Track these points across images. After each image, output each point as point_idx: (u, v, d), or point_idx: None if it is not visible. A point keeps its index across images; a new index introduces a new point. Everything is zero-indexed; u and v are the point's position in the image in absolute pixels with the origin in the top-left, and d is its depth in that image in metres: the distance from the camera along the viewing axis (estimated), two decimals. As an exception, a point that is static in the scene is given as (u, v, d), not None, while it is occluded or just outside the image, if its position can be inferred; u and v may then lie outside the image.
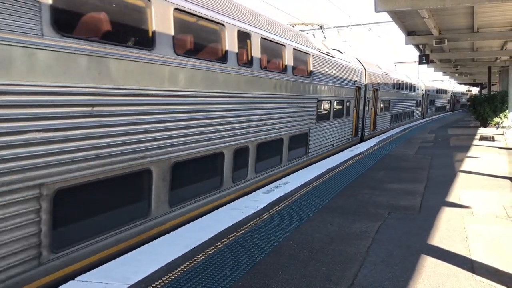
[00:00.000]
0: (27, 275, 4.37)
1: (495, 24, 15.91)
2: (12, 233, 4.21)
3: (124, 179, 5.60)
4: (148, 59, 5.88)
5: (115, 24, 5.57)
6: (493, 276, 4.62)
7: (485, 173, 10.61)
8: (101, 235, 5.30)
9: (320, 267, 4.87)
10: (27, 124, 4.29)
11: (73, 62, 4.75)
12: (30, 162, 4.32)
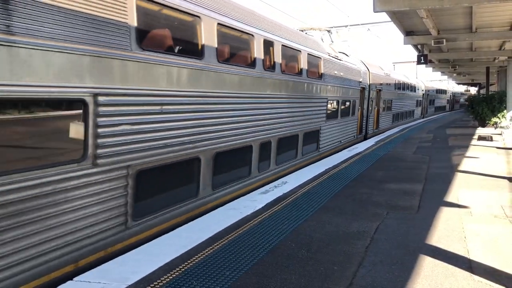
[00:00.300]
0: (118, 237, 5.63)
1: (494, 24, 15.93)
2: (110, 202, 5.47)
3: (181, 164, 6.90)
4: (198, 66, 7.15)
5: (176, 38, 6.94)
6: (491, 276, 4.63)
7: (483, 173, 10.63)
8: (166, 209, 6.57)
9: (318, 267, 4.87)
10: (121, 119, 5.57)
11: (150, 70, 6.02)
12: (123, 148, 5.62)
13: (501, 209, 7.37)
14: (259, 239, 5.76)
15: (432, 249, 5.48)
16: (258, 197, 8.09)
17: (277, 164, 10.61)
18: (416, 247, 5.54)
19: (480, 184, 9.42)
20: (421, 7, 11.41)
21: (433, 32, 16.04)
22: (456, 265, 4.93)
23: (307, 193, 8.53)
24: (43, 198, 4.58)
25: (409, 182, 9.73)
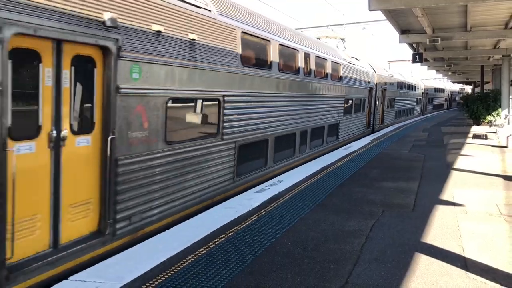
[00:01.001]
0: (229, 187, 8.57)
1: (489, 23, 15.98)
2: (228, 163, 8.47)
3: (259, 143, 9.92)
4: (270, 76, 10.21)
5: (258, 57, 9.97)
6: (486, 274, 4.65)
7: (478, 171, 10.67)
8: (252, 173, 9.60)
9: (314, 266, 4.88)
10: (233, 111, 8.53)
11: (246, 79, 9.01)
12: (233, 129, 8.59)
13: (496, 207, 7.40)
14: (255, 237, 5.76)
15: (428, 247, 5.49)
16: (254, 196, 8.08)
17: (311, 148, 13.44)
18: (411, 245, 5.56)
19: (475, 182, 9.46)
20: (416, 5, 11.43)
21: (428, 31, 16.06)
22: (451, 263, 4.95)
23: (302, 191, 8.53)
24: (201, 156, 7.59)
25: (404, 180, 9.75)
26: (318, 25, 38.22)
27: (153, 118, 6.29)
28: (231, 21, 8.48)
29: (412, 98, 35.39)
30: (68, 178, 5.06)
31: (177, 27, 6.79)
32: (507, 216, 6.89)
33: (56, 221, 4.93)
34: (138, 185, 6.08)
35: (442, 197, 8.13)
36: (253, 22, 9.69)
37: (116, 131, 5.60)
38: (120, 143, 5.70)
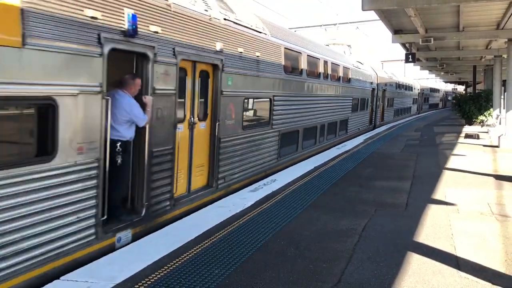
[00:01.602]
0: (274, 164, 10.86)
1: (481, 23, 16.08)
2: (275, 147, 10.82)
3: (293, 133, 12.27)
4: (301, 80, 12.67)
5: (293, 66, 12.17)
6: (478, 273, 4.67)
7: (470, 171, 10.73)
8: (290, 155, 12.05)
9: (307, 265, 4.88)
10: (277, 108, 10.80)
11: (286, 83, 11.38)
12: (277, 121, 10.91)
13: (488, 206, 7.45)
14: (248, 237, 5.76)
15: (420, 246, 5.52)
16: (248, 195, 8.08)
17: (327, 139, 15.79)
18: (404, 244, 5.58)
19: (467, 182, 9.51)
20: (409, 5, 11.48)
21: (421, 31, 16.13)
22: (443, 262, 4.97)
23: (296, 191, 8.54)
24: (260, 140, 10.00)
25: (397, 179, 9.79)
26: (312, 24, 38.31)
27: (237, 111, 8.86)
28: (278, 41, 11.03)
29: (409, 97, 37.87)
30: (196, 148, 7.58)
31: (250, 48, 9.30)
32: (499, 215, 6.93)
33: (189, 175, 7.48)
34: (229, 156, 8.59)
35: (434, 197, 8.18)
36: (290, 39, 12.32)
37: (219, 120, 8.10)
38: (222, 127, 8.20)
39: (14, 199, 4.23)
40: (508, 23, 15.10)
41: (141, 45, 5.89)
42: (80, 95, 4.92)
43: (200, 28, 7.35)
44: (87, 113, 5.05)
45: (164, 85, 6.45)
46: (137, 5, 5.80)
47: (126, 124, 5.84)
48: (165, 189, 6.61)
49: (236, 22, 8.68)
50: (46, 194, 4.58)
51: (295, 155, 12.53)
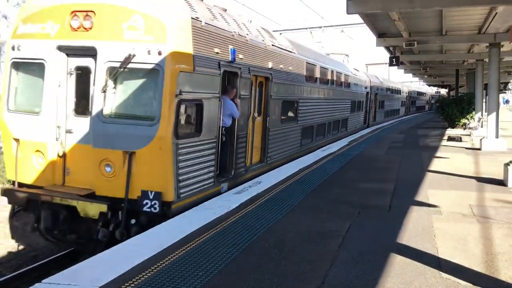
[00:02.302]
0: (297, 151, 13.71)
1: (463, 28, 16.31)
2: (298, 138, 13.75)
3: (309, 127, 14.88)
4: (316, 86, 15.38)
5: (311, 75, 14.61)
6: (459, 274, 4.74)
7: (452, 173, 10.88)
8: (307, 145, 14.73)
9: (291, 266, 4.90)
10: (302, 108, 13.80)
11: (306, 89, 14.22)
12: (301, 118, 13.85)
13: (469, 208, 7.57)
14: (233, 238, 5.75)
15: (403, 247, 5.58)
16: (232, 197, 8.07)
17: (332, 134, 18.52)
18: (387, 245, 5.63)
19: (449, 184, 9.65)
20: (393, 9, 11.60)
21: (404, 35, 16.31)
22: (425, 263, 5.04)
23: (281, 192, 8.56)
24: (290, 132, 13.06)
25: (380, 181, 9.89)
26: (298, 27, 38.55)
27: (278, 110, 11.72)
28: (301, 57, 13.80)
29: (398, 100, 41.69)
30: (255, 135, 10.47)
31: (286, 64, 12.16)
32: (480, 217, 7.05)
33: (251, 153, 10.32)
34: (273, 142, 11.57)
35: (417, 198, 8.27)
36: (309, 54, 15.04)
37: (269, 115, 11.07)
38: (270, 121, 11.16)
39: (189, 154, 7.48)
40: (489, 28, 15.35)
41: (235, 67, 8.96)
42: (211, 98, 8.02)
43: (260, 53, 10.46)
44: (213, 109, 8.12)
45: (244, 92, 9.53)
46: (233, 42, 8.82)
47: (227, 116, 8.86)
48: (242, 160, 9.76)
49: (278, 46, 11.71)
50: (198, 151, 7.76)
51: (310, 145, 15.39)
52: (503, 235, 6.07)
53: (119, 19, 7.02)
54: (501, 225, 6.55)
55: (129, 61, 6.92)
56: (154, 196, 6.83)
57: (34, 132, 7.58)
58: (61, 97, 7.56)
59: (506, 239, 5.91)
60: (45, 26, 7.48)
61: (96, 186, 7.21)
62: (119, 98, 7.28)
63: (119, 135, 7.02)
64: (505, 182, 9.43)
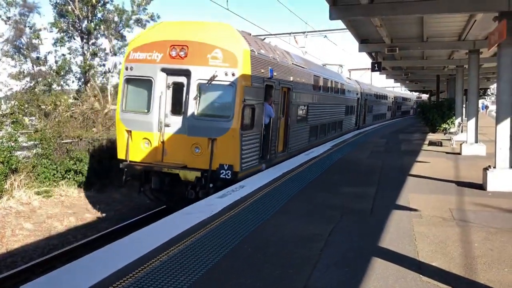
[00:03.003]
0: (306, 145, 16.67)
1: (444, 34, 16.58)
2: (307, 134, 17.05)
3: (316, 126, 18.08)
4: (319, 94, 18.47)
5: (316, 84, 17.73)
6: (439, 277, 4.80)
7: (433, 177, 11.03)
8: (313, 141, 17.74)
9: (274, 270, 4.90)
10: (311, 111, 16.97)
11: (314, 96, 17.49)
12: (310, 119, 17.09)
13: (449, 212, 7.68)
14: (215, 243, 5.74)
15: (384, 251, 5.63)
16: (215, 201, 8.05)
17: (330, 133, 21.56)
18: (368, 249, 5.68)
19: (430, 188, 9.78)
20: (375, 16, 11.75)
21: (386, 41, 16.51)
22: (406, 266, 5.09)
23: (264, 196, 8.57)
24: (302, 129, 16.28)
25: (363, 185, 9.97)
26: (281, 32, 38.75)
27: (295, 113, 14.85)
28: (310, 70, 17.00)
29: (385, 105, 45.39)
30: (280, 131, 13.41)
31: (301, 77, 15.35)
32: (460, 220, 7.15)
33: (278, 144, 13.30)
34: (292, 137, 14.42)
35: (399, 202, 8.36)
36: (315, 68, 18.34)
37: (290, 116, 14.08)
38: (290, 121, 14.14)
39: (247, 141, 10.88)
40: (468, 35, 15.64)
41: (272, 81, 12.25)
42: (259, 104, 11.38)
43: (286, 70, 13.68)
44: (260, 111, 11.47)
45: (276, 99, 12.79)
46: (270, 64, 12.21)
47: (267, 117, 12.12)
48: (273, 149, 12.92)
49: (295, 64, 15.01)
50: (251, 140, 11.13)
51: (315, 141, 18.13)
52: (481, 239, 6.17)
53: (205, 51, 10.57)
54: (480, 229, 6.66)
55: (213, 80, 10.45)
56: (228, 168, 10.46)
57: (143, 126, 11.04)
58: (162, 102, 11.01)
59: (484, 243, 6.00)
60: (151, 54, 11.02)
61: (187, 161, 10.73)
62: (206, 103, 10.86)
63: (205, 127, 10.55)
64: (484, 186, 9.59)
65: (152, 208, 13.10)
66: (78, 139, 15.95)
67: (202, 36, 10.79)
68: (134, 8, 25.31)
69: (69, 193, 14.60)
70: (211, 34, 10.88)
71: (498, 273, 4.94)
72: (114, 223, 12.47)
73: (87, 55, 24.78)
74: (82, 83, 25.41)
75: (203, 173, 10.42)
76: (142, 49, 11.15)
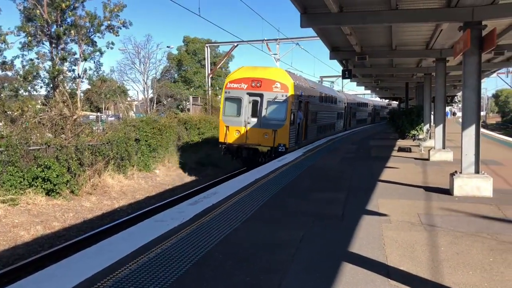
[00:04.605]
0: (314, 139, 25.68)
1: (411, 43, 16.96)
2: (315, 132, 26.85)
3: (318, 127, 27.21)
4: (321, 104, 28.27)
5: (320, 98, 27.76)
6: (407, 280, 4.89)
7: (402, 183, 11.24)
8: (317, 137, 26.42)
9: (245, 277, 4.89)
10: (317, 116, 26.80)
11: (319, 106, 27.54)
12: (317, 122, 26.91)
13: (417, 216, 7.83)
14: (185, 251, 5.69)
15: (354, 256, 5.69)
16: (187, 209, 7.99)
17: (328, 132, 28.75)
18: (339, 254, 5.74)
19: (399, 193, 9.96)
20: (345, 24, 11.93)
21: (356, 49, 16.76)
22: (375, 271, 5.16)
23: (236, 203, 8.56)
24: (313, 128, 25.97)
25: (334, 191, 10.08)
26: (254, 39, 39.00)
27: (310, 116, 24.12)
28: (317, 89, 26.97)
29: (366, 112, 55.67)
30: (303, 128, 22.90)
31: (312, 94, 24.91)
32: (427, 225, 7.30)
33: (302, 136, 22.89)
34: (309, 132, 23.88)
35: (368, 207, 8.48)
36: (319, 87, 29.29)
37: (308, 119, 23.67)
38: (308, 122, 23.79)
39: (291, 132, 20.58)
40: (435, 44, 16.05)
41: (301, 98, 21.72)
42: (297, 111, 20.95)
43: (307, 90, 23.22)
44: (296, 116, 20.86)
45: (302, 109, 22.11)
46: (301, 88, 21.75)
47: (298, 119, 21.04)
48: (300, 137, 21.83)
49: (310, 86, 24.76)
50: (293, 132, 20.54)
51: (319, 136, 26.37)
52: (448, 243, 6.32)
53: (271, 83, 19.72)
54: (447, 233, 6.81)
55: (275, 99, 19.68)
56: (283, 146, 19.30)
57: (236, 123, 20.01)
58: (246, 111, 19.88)
59: (451, 246, 6.15)
60: (240, 84, 20.00)
61: (260, 143, 19.51)
62: (270, 111, 19.78)
63: (271, 123, 19.51)
64: (451, 191, 9.83)
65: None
66: (46, 145, 15.55)
67: (269, 75, 20.33)
68: (106, 14, 24.98)
69: (37, 201, 14.19)
70: (273, 74, 20.62)
71: (463, 276, 5.07)
72: (83, 232, 12.23)
73: (56, 60, 24.27)
74: (50, 89, 24.89)
75: (269, 148, 19.62)
76: (234, 82, 20.47)
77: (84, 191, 16.13)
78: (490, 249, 6.03)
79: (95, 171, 17.28)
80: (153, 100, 41.98)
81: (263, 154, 19.67)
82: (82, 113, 22.05)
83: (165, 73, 56.67)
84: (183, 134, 26.64)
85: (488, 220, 7.63)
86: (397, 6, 10.58)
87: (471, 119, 9.90)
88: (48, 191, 14.78)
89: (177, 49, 58.14)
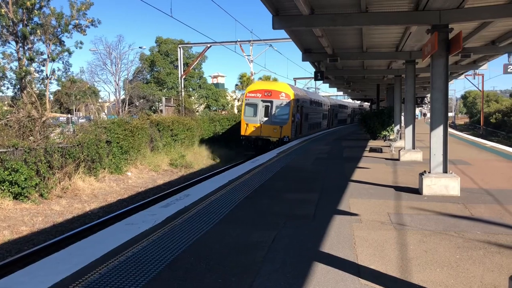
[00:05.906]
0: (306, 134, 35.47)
1: (382, 45, 17.27)
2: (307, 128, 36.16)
3: (309, 124, 36.21)
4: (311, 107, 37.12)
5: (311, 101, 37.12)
6: (377, 279, 4.97)
7: (373, 183, 11.42)
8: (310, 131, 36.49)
9: (216, 279, 4.88)
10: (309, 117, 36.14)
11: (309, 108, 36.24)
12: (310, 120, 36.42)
13: (387, 216, 7.96)
14: (157, 254, 5.64)
15: (325, 256, 5.75)
16: (159, 211, 7.92)
17: (316, 129, 38.69)
18: (310, 254, 5.78)
19: (370, 193, 10.11)
20: (316, 26, 12.05)
21: (328, 51, 16.95)
22: (346, 270, 5.22)
23: (209, 205, 8.53)
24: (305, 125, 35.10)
25: (306, 192, 10.15)
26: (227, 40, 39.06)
27: (304, 116, 32.90)
28: (307, 95, 36.84)
29: (346, 113, 64.38)
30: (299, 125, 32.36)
31: (305, 99, 33.96)
32: (397, 224, 7.44)
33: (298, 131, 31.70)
34: (303, 128, 32.65)
35: (340, 207, 8.58)
36: (310, 94, 39.74)
37: (302, 119, 32.32)
38: (302, 120, 32.46)
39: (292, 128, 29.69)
40: (405, 46, 16.39)
41: (298, 103, 30.71)
42: (296, 113, 30.32)
43: (301, 97, 32.44)
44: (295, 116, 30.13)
45: (299, 111, 30.82)
46: (298, 96, 31.20)
47: (297, 118, 30.01)
48: (298, 132, 31.02)
49: (303, 93, 35.16)
50: (294, 128, 29.75)
51: (310, 132, 33.34)
52: (417, 241, 6.45)
53: (278, 93, 29.17)
54: (416, 232, 6.95)
55: (282, 104, 28.91)
56: (287, 137, 27.89)
57: (253, 121, 29.01)
58: (261, 113, 29.04)
59: (419, 245, 6.28)
60: (256, 94, 29.48)
61: (271, 135, 28.33)
62: (278, 113, 28.86)
63: (278, 121, 28.61)
64: (420, 191, 10.04)
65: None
66: (13, 148, 15.16)
67: (277, 88, 29.73)
68: (73, 13, 24.44)
69: (4, 205, 13.82)
70: (280, 86, 29.98)
71: (431, 273, 5.18)
72: (53, 236, 11.97)
73: (23, 60, 23.66)
74: (18, 90, 24.24)
75: (278, 139, 27.49)
76: (252, 92, 29.53)
77: (54, 194, 15.79)
78: (457, 246, 6.18)
79: (65, 174, 16.96)
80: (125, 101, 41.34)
81: (273, 143, 27.76)
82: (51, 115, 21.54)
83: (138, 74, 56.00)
84: (156, 135, 26.36)
85: (455, 219, 7.82)
86: (367, 9, 10.76)
87: (439, 120, 10.13)
88: (15, 194, 14.42)
89: (150, 50, 57.60)
